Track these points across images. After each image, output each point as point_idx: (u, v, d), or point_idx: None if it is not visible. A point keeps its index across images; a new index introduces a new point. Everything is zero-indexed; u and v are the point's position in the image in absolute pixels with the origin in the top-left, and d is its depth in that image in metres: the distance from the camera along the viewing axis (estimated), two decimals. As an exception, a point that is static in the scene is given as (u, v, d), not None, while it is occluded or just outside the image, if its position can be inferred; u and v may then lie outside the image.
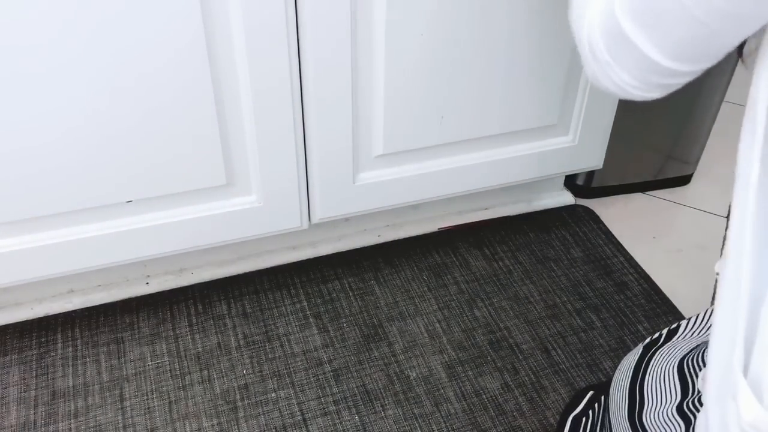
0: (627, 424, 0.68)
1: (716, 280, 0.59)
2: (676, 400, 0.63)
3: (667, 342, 0.72)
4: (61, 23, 0.78)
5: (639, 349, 0.73)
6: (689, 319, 0.75)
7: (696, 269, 1.22)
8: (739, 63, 0.53)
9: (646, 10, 0.51)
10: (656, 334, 0.75)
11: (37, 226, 0.94)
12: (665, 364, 0.66)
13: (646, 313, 1.13)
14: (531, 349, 1.06)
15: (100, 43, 0.80)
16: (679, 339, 0.70)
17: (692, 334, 0.71)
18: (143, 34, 0.81)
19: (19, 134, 0.84)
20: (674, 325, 0.75)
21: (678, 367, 0.64)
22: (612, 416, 0.72)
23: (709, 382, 0.52)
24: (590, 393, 0.95)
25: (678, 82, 0.55)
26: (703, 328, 0.72)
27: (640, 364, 0.70)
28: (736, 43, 0.50)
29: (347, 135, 1.00)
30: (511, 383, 1.01)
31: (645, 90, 0.56)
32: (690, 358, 0.66)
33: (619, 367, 0.75)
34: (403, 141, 1.05)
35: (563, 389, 1.00)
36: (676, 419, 0.62)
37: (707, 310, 0.74)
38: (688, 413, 0.62)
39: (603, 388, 0.92)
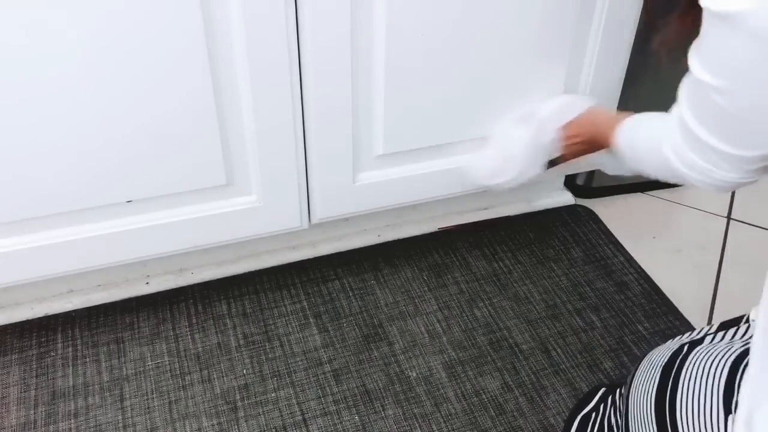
0: (653, 419, 0.67)
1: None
2: (719, 405, 0.62)
3: (704, 343, 0.71)
4: (61, 22, 0.78)
5: (673, 346, 0.72)
6: (727, 329, 0.74)
7: (696, 269, 1.22)
8: None
9: (710, 120, 0.60)
10: (695, 333, 0.74)
11: (37, 226, 0.94)
12: (708, 367, 0.65)
13: (646, 313, 1.13)
14: (531, 349, 1.06)
15: (99, 43, 0.80)
16: (721, 342, 0.69)
17: (737, 337, 0.70)
18: (143, 34, 0.81)
19: (20, 135, 0.84)
20: (711, 329, 0.75)
21: (728, 377, 0.63)
22: (632, 409, 0.71)
23: (753, 380, 0.55)
24: (602, 390, 0.94)
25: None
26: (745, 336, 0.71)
27: (673, 361, 0.69)
28: None
29: (347, 135, 1.00)
30: (511, 383, 1.01)
31: (751, 178, 0.64)
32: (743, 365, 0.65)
33: (646, 358, 0.73)
34: (403, 141, 1.05)
35: (563, 389, 1.00)
36: (721, 421, 0.61)
37: (743, 319, 0.74)
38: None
39: (615, 386, 0.92)
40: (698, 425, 0.63)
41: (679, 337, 0.75)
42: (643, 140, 0.78)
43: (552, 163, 1.02)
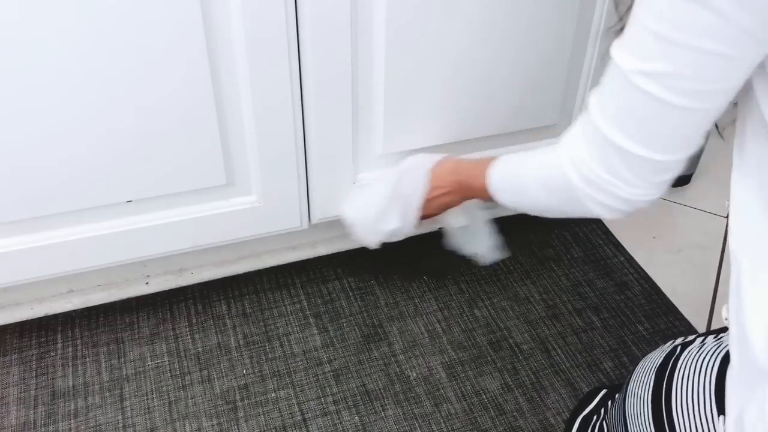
0: (650, 421, 0.67)
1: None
2: (711, 401, 0.62)
3: (695, 343, 0.71)
4: (61, 21, 0.77)
5: (666, 348, 0.72)
6: (718, 333, 0.74)
7: (696, 269, 1.22)
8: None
9: (627, 117, 0.58)
10: (691, 337, 0.75)
11: (37, 226, 0.94)
12: (699, 365, 0.66)
13: (646, 313, 1.13)
14: (531, 349, 1.06)
15: (99, 42, 0.80)
16: (711, 340, 0.69)
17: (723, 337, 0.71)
18: (142, 33, 0.81)
19: (19, 134, 0.84)
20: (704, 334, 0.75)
21: (717, 373, 0.64)
22: (630, 413, 0.71)
23: (736, 378, 0.56)
24: (603, 391, 0.94)
25: (671, 177, 0.63)
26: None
27: (666, 363, 0.69)
28: (711, 120, 0.56)
29: (347, 135, 1.00)
30: (511, 383, 1.01)
31: (649, 193, 0.64)
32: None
33: (640, 363, 0.74)
34: (403, 141, 1.05)
35: (563, 389, 1.00)
36: (714, 417, 0.62)
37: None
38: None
39: (616, 388, 0.92)
40: (694, 423, 0.63)
41: (671, 341, 0.75)
42: (530, 170, 0.75)
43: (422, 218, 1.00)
